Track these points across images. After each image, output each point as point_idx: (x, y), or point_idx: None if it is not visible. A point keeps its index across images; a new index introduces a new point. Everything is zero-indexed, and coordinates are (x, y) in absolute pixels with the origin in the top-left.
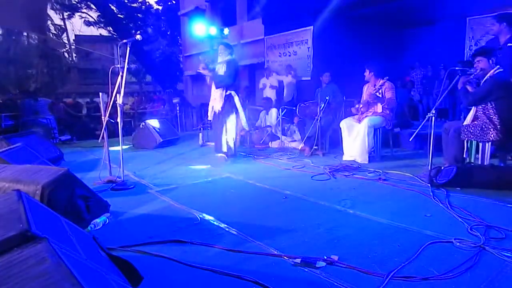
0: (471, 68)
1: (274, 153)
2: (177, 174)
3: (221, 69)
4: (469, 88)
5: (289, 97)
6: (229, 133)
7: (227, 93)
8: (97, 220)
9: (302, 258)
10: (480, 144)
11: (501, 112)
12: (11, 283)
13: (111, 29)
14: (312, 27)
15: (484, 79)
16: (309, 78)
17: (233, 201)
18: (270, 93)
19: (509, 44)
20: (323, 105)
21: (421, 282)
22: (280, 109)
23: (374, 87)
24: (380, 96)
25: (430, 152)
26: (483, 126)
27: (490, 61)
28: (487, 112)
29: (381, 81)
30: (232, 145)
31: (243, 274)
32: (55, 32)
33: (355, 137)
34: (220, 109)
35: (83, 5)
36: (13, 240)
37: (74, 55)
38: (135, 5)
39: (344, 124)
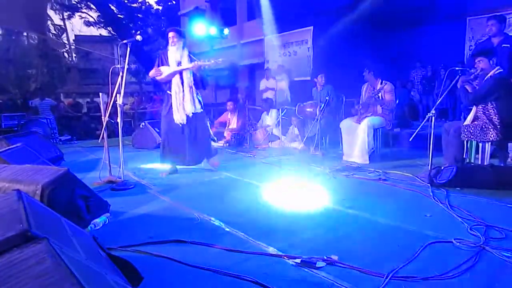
0: (471, 68)
1: (274, 153)
2: (177, 174)
3: (185, 61)
4: (468, 88)
5: (283, 98)
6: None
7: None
8: (97, 220)
9: (302, 258)
10: (480, 144)
11: (501, 112)
12: (11, 283)
13: (111, 29)
14: (312, 27)
15: (485, 79)
16: (309, 78)
17: (233, 201)
18: (270, 94)
19: (504, 45)
20: (322, 105)
21: (421, 282)
22: (280, 109)
23: (374, 89)
24: (380, 98)
25: (430, 152)
26: (483, 126)
27: (491, 62)
28: (487, 112)
29: (380, 85)
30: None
31: (243, 274)
32: (55, 32)
33: (355, 138)
34: (193, 113)
35: (83, 5)
36: (13, 240)
37: (74, 55)
38: (135, 5)
39: (344, 124)
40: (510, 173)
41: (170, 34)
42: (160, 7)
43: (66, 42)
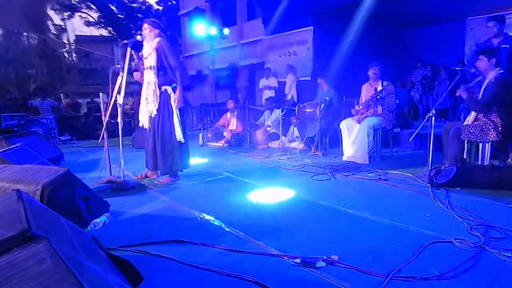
0: (471, 68)
1: (274, 153)
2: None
3: (150, 58)
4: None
5: (291, 97)
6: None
7: (162, 89)
8: (97, 220)
9: (302, 258)
10: (480, 144)
11: (502, 113)
12: (11, 283)
13: (111, 29)
14: (312, 27)
15: (486, 81)
16: (309, 78)
17: (233, 201)
18: (269, 94)
19: (503, 46)
20: (322, 105)
21: (421, 282)
22: (280, 109)
23: (375, 90)
24: (381, 98)
25: (430, 152)
26: (484, 127)
27: (490, 62)
28: (488, 113)
29: (381, 86)
30: (179, 159)
31: (243, 274)
32: (55, 32)
33: (355, 138)
34: (156, 112)
35: (83, 5)
36: (13, 240)
37: (74, 55)
38: (135, 5)
39: (344, 125)
40: (510, 173)
41: (143, 26)
42: (160, 7)
43: (66, 42)
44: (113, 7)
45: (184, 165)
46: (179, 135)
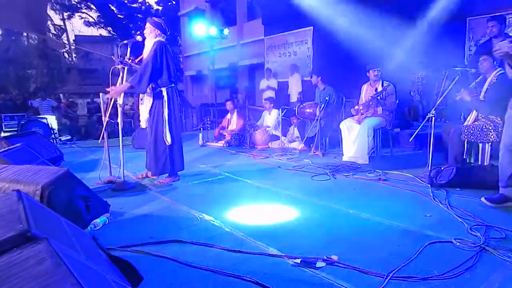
0: (473, 68)
1: (274, 154)
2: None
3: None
4: (471, 99)
5: (295, 98)
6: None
7: (157, 90)
8: (97, 220)
9: (302, 258)
10: (480, 145)
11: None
12: (11, 283)
13: (111, 29)
14: (312, 27)
15: (488, 81)
16: (309, 78)
17: (233, 201)
18: (269, 94)
19: None
20: (323, 105)
21: (421, 282)
22: (280, 109)
23: (376, 90)
24: (382, 99)
25: (430, 152)
26: (484, 127)
27: (495, 62)
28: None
29: (382, 86)
30: (171, 160)
31: (243, 275)
32: (55, 32)
33: (355, 138)
34: (148, 114)
35: (83, 5)
36: (13, 240)
37: (74, 55)
38: (135, 5)
39: (344, 125)
40: None
41: (146, 25)
42: (160, 7)
43: (66, 42)
44: (113, 7)
45: (176, 168)
46: (166, 137)
